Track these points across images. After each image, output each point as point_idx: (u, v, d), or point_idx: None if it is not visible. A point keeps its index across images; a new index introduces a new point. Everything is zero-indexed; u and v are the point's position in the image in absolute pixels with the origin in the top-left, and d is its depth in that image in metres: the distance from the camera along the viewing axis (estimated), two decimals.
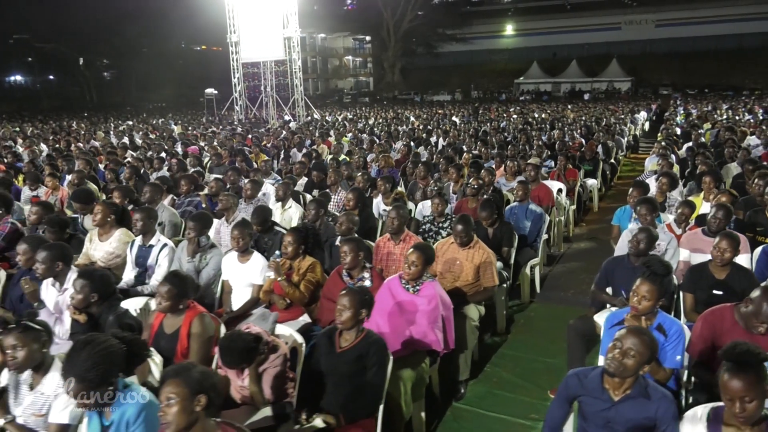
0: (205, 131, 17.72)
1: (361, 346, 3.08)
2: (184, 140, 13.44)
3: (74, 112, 38.16)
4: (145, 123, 22.36)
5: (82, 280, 3.39)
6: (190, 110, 33.75)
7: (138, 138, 16.00)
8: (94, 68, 61.42)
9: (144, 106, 51.51)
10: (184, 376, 2.19)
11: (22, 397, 2.66)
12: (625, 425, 2.44)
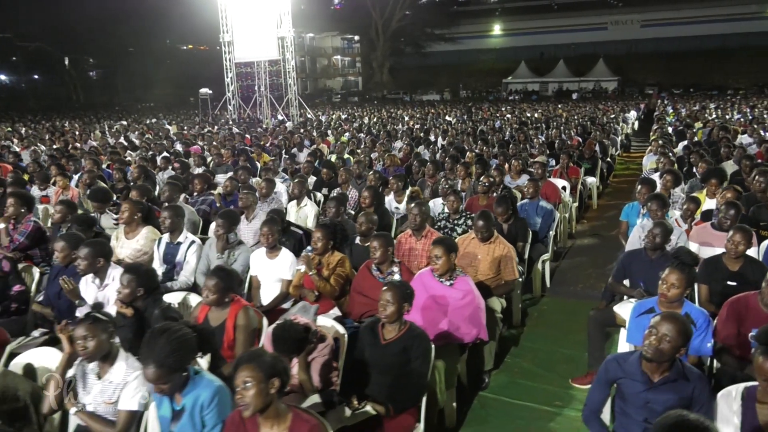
0: (201, 131, 17.76)
1: (405, 338, 3.22)
2: (184, 140, 13.46)
3: (62, 111, 37.87)
4: (138, 123, 22.29)
5: (129, 275, 3.50)
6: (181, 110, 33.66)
7: (134, 138, 16.03)
8: (80, 68, 60.95)
9: (133, 106, 51.21)
10: (258, 361, 2.33)
11: (91, 386, 2.78)
12: (663, 405, 2.61)
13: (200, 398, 2.47)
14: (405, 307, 3.26)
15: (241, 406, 2.30)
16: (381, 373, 3.20)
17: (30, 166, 9.59)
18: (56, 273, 4.27)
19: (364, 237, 5.11)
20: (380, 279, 4.26)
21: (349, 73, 69.21)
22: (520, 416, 4.03)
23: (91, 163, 9.13)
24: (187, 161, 9.52)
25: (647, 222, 5.22)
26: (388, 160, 9.16)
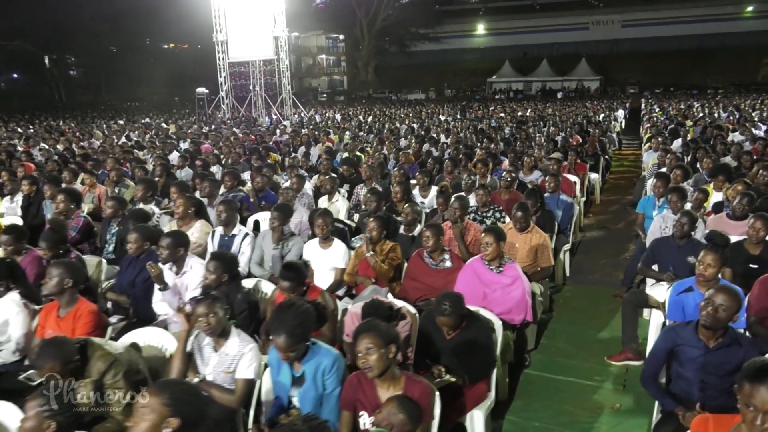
0: (200, 130, 17.91)
1: (466, 332, 3.49)
2: (192, 139, 13.66)
3: (47, 111, 37.51)
4: (133, 123, 22.32)
5: (215, 261, 3.80)
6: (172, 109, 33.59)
7: (135, 137, 16.16)
8: (62, 67, 60.27)
9: (118, 106, 50.83)
10: (376, 330, 2.66)
11: (208, 359, 3.07)
12: (717, 368, 2.99)
13: (321, 365, 2.79)
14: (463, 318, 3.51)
15: (365, 369, 2.62)
16: (450, 360, 3.50)
17: (49, 164, 9.75)
18: (128, 263, 4.53)
19: (409, 227, 5.47)
20: (432, 266, 4.60)
21: (334, 72, 69.32)
22: (563, 390, 4.40)
23: (113, 162, 9.32)
24: (208, 159, 9.75)
25: (667, 212, 5.64)
26: (403, 158, 9.50)
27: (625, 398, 4.23)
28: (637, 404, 4.13)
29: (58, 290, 3.46)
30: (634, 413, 4.03)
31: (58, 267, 3.47)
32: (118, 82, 60.79)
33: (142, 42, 61.13)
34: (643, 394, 4.19)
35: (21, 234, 4.78)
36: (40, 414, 2.17)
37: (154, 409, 2.02)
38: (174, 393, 2.07)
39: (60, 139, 15.15)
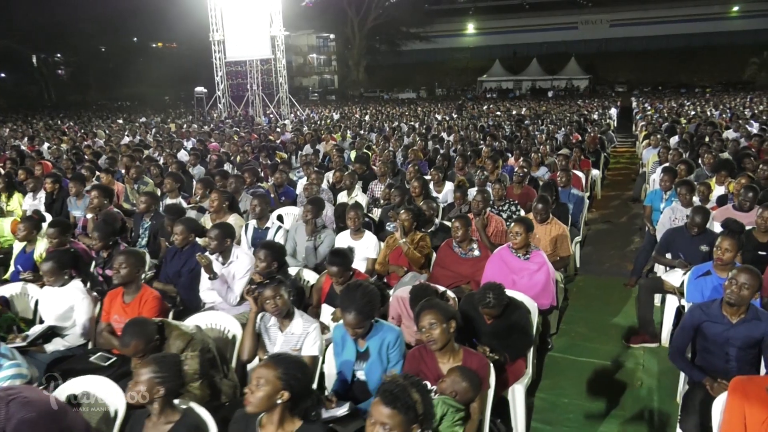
0: (200, 129, 18.06)
1: (506, 317, 3.75)
2: (201, 138, 13.83)
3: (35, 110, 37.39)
4: (132, 122, 22.39)
5: (266, 250, 4.04)
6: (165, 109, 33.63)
7: (138, 136, 16.30)
8: (50, 66, 59.93)
9: (108, 105, 50.67)
10: (438, 307, 2.92)
11: (275, 338, 3.32)
12: (741, 341, 3.28)
13: (386, 340, 3.04)
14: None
15: (428, 343, 2.89)
16: (491, 338, 3.76)
17: (65, 163, 9.90)
18: (173, 254, 4.75)
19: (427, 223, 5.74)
20: (461, 255, 4.88)
21: (324, 71, 69.40)
22: (586, 370, 4.68)
23: (129, 160, 9.49)
24: (222, 157, 9.95)
25: (676, 204, 5.95)
26: (412, 155, 9.76)
27: (646, 377, 4.53)
28: (658, 382, 4.43)
29: (129, 279, 3.69)
30: (656, 390, 4.33)
31: (128, 257, 3.70)
32: (107, 81, 60.54)
33: (131, 41, 60.88)
34: (662, 372, 4.55)
35: (65, 227, 4.99)
36: (153, 379, 2.40)
37: (269, 380, 2.26)
38: (287, 368, 2.30)
39: (64, 139, 15.24)
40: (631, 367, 4.70)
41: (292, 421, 2.32)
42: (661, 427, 3.88)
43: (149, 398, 2.39)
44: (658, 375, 4.53)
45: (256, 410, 2.29)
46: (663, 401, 4.18)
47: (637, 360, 4.80)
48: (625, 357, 4.85)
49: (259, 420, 2.36)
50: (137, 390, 2.38)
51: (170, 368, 2.46)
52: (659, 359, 4.78)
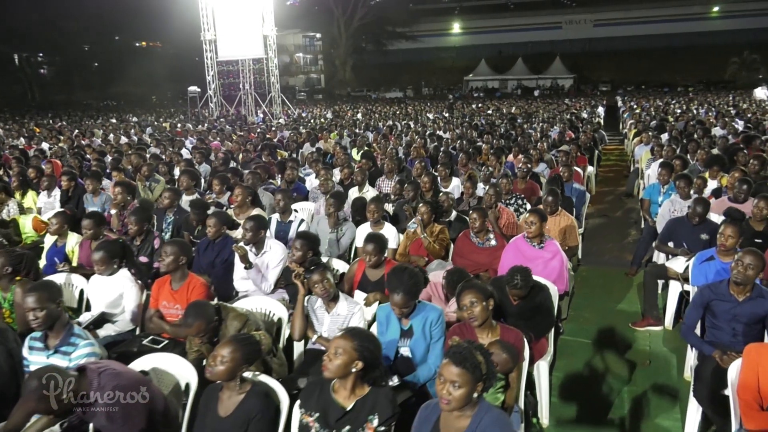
0: (194, 128, 18.20)
1: (531, 299, 4.02)
2: (201, 137, 13.99)
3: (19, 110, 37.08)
4: (124, 122, 22.42)
5: (302, 240, 4.29)
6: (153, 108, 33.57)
7: (134, 135, 16.41)
8: (33, 66, 59.30)
9: (93, 105, 50.34)
10: (477, 287, 3.20)
11: (322, 319, 3.58)
12: (746, 317, 3.60)
13: (429, 318, 3.31)
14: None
15: (470, 320, 3.16)
16: (517, 318, 4.04)
17: (72, 161, 10.02)
18: (205, 246, 4.97)
19: (444, 213, 6.02)
20: (479, 245, 5.16)
21: (311, 70, 69.46)
22: (598, 352, 4.99)
23: (137, 158, 9.67)
24: (228, 155, 10.15)
25: (675, 197, 6.30)
26: (414, 152, 10.04)
27: (653, 356, 4.85)
28: (665, 361, 4.76)
29: (174, 267, 3.92)
30: (664, 368, 4.66)
31: (173, 246, 3.93)
32: (92, 80, 60.09)
33: (114, 40, 60.45)
34: (668, 352, 4.89)
35: (100, 219, 5.20)
36: (235, 356, 2.63)
37: (346, 350, 2.52)
38: (362, 341, 2.57)
39: (61, 138, 15.30)
40: (638, 348, 5.02)
41: (362, 388, 2.59)
42: (671, 401, 4.20)
43: (231, 373, 2.64)
44: (665, 355, 4.87)
45: (332, 376, 2.55)
46: (671, 378, 4.51)
47: (643, 342, 5.12)
48: (632, 339, 5.18)
49: (332, 385, 2.62)
50: (219, 366, 2.62)
51: (250, 347, 2.71)
52: (664, 340, 5.12)
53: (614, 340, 5.19)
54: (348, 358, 2.52)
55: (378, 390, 2.58)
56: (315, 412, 2.58)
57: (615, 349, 5.02)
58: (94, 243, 5.07)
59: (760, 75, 42.82)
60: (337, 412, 2.54)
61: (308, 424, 2.60)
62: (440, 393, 2.29)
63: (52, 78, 63.08)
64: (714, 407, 3.43)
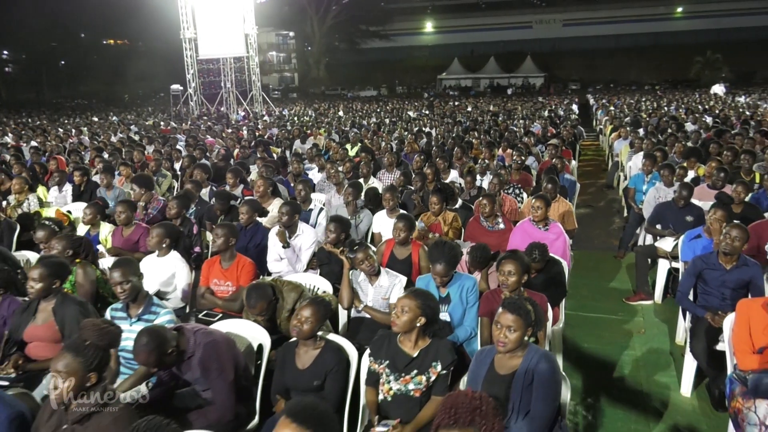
0: (180, 125, 18.35)
1: (545, 272, 4.50)
2: (191, 134, 14.20)
3: None
4: (105, 120, 22.36)
5: (335, 223, 4.70)
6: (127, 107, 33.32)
7: (121, 133, 16.51)
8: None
9: (63, 103, 49.53)
10: (521, 261, 3.64)
11: (366, 290, 4.00)
12: (734, 283, 4.14)
13: (465, 286, 3.77)
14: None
15: (502, 285, 3.63)
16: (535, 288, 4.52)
17: (72, 158, 10.21)
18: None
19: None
20: (489, 228, 5.64)
21: (284, 69, 69.28)
22: (597, 324, 5.53)
23: (138, 154, 9.92)
24: (228, 151, 10.45)
25: (659, 185, 6.89)
26: (409, 147, 10.50)
27: (647, 326, 5.40)
28: (657, 329, 5.32)
29: (225, 247, 4.29)
30: (657, 335, 5.21)
31: (225, 228, 4.30)
32: (60, 79, 59.07)
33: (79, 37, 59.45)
34: (660, 322, 5.46)
35: (132, 206, 5.54)
36: (315, 318, 3.04)
37: (411, 308, 2.95)
38: (425, 300, 3.00)
39: (49, 136, 15.32)
40: (633, 319, 5.57)
41: (425, 339, 3.02)
42: (667, 361, 4.74)
43: (313, 331, 3.05)
44: (657, 324, 5.43)
45: (400, 330, 2.98)
46: (664, 343, 5.06)
47: (637, 314, 5.68)
48: (626, 312, 5.73)
49: (398, 338, 3.05)
50: (305, 326, 3.02)
51: (326, 307, 3.13)
52: (656, 312, 5.68)
53: (611, 312, 5.73)
54: (413, 314, 2.95)
55: (438, 341, 3.03)
56: (385, 360, 3.01)
57: (612, 321, 5.57)
58: (126, 229, 5.43)
59: (723, 74, 44.47)
60: (405, 360, 2.98)
61: (378, 371, 3.03)
62: (498, 337, 2.75)
63: (17, 76, 61.72)
64: (708, 361, 3.97)
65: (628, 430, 3.86)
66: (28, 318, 3.52)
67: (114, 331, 2.76)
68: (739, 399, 3.13)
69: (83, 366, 2.45)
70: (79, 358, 2.46)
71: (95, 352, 2.51)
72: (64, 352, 2.48)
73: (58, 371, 2.42)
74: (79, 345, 2.52)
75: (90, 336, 2.58)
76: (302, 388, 3.02)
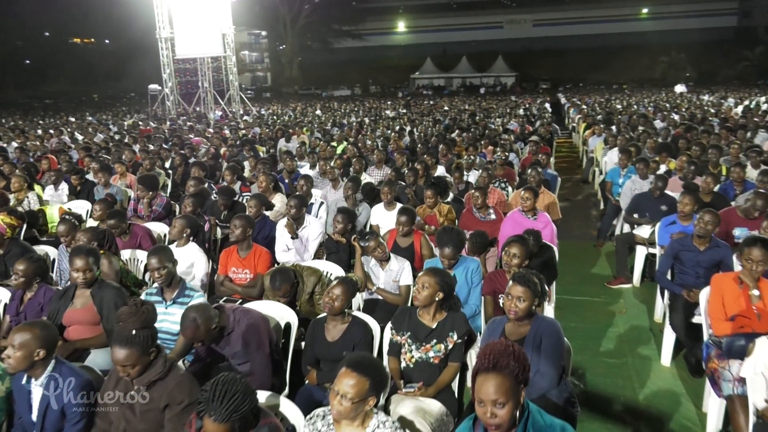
0: (159, 126, 18.41)
1: (540, 255, 4.91)
2: (176, 134, 14.33)
3: None
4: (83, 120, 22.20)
5: (342, 214, 5.04)
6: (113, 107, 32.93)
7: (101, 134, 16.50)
8: None
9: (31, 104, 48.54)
10: (527, 246, 4.03)
11: (378, 274, 4.35)
12: (707, 263, 4.60)
13: (469, 268, 4.15)
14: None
15: (506, 266, 4.01)
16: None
17: (62, 157, 10.28)
18: None
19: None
20: (481, 219, 6.02)
21: (257, 68, 68.95)
22: (582, 305, 5.97)
23: (130, 154, 10.07)
24: (217, 150, 10.67)
25: (635, 177, 7.38)
26: (394, 145, 10.87)
27: (628, 306, 5.87)
28: (637, 309, 5.78)
29: (243, 237, 4.59)
30: (637, 314, 5.67)
31: (242, 220, 4.60)
32: (24, 78, 57.77)
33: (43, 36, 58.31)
34: (640, 303, 5.93)
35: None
36: (344, 296, 3.37)
37: (431, 284, 3.30)
38: (443, 277, 3.35)
39: (29, 137, 15.26)
40: (615, 300, 6.04)
41: (441, 312, 3.38)
42: (647, 336, 5.20)
43: (344, 308, 3.38)
44: (637, 305, 5.90)
45: (421, 304, 3.33)
46: (644, 321, 5.52)
47: (618, 296, 6.14)
48: (608, 295, 6.19)
49: (417, 312, 3.40)
50: (336, 303, 3.34)
51: (353, 285, 3.46)
52: (635, 294, 6.16)
53: (595, 295, 6.20)
54: (433, 290, 3.31)
55: (454, 314, 3.39)
56: (406, 332, 3.36)
57: (596, 303, 6.03)
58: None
59: (687, 73, 45.97)
60: (425, 331, 3.33)
61: (400, 342, 3.37)
62: (509, 307, 3.12)
63: None
64: (685, 332, 4.42)
65: (615, 395, 4.28)
66: (66, 303, 3.76)
67: (148, 308, 2.96)
68: (715, 360, 3.56)
69: (140, 352, 2.65)
70: (133, 348, 2.64)
71: (143, 336, 2.70)
72: (117, 348, 2.64)
73: (123, 365, 2.63)
74: (128, 337, 2.67)
75: (131, 324, 2.72)
76: (332, 359, 3.35)
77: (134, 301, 2.83)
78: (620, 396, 4.28)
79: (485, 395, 2.01)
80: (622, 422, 3.97)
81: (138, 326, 2.66)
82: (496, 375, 2.00)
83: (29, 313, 3.87)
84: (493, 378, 2.00)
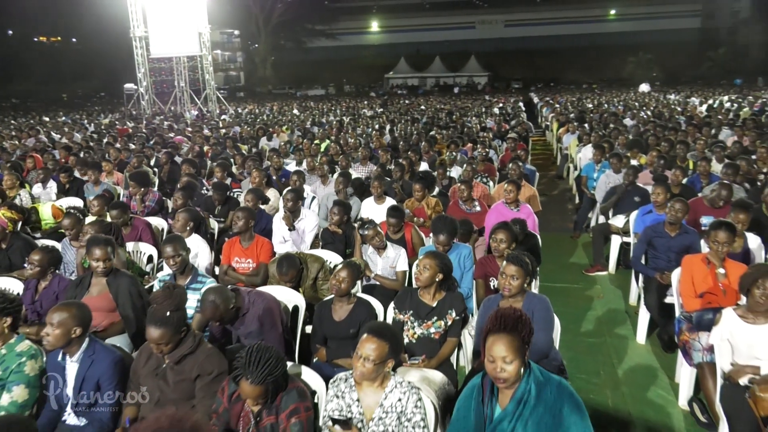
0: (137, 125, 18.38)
1: (525, 243, 5.22)
2: (157, 133, 14.37)
3: None
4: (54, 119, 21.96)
5: (338, 207, 5.30)
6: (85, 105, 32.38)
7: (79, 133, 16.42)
8: None
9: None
10: (512, 231, 4.34)
11: (375, 260, 4.62)
12: (677, 248, 4.98)
13: (462, 253, 4.45)
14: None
15: (495, 251, 4.32)
16: None
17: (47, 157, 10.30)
18: None
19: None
20: (467, 211, 6.34)
21: (230, 68, 68.42)
22: (562, 292, 6.32)
23: (115, 152, 10.16)
24: (200, 148, 10.80)
25: (609, 172, 7.79)
26: (377, 143, 11.15)
27: (605, 292, 6.26)
28: (613, 294, 6.17)
29: (245, 228, 4.82)
30: (613, 299, 6.06)
31: (245, 212, 4.82)
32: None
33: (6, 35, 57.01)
34: (615, 288, 6.31)
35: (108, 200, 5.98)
36: (350, 279, 3.62)
37: (432, 266, 3.59)
38: (442, 260, 3.64)
39: (4, 137, 15.13)
40: (592, 287, 6.42)
41: (440, 292, 3.67)
42: (623, 318, 5.58)
43: (350, 290, 3.65)
44: (613, 290, 6.29)
45: (422, 285, 3.62)
46: (620, 304, 5.91)
47: (595, 282, 6.53)
48: (586, 282, 6.58)
49: (418, 292, 3.69)
50: (343, 285, 3.60)
51: (359, 268, 3.73)
52: (611, 281, 6.55)
53: (574, 282, 6.57)
54: (433, 272, 3.60)
55: (452, 293, 3.68)
56: (408, 310, 3.65)
57: (575, 289, 6.40)
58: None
59: (653, 73, 47.24)
60: (426, 309, 3.62)
61: (402, 320, 3.66)
62: (503, 285, 3.43)
63: None
64: (659, 311, 4.80)
65: (596, 371, 4.63)
66: (82, 291, 3.95)
67: (180, 292, 3.23)
68: (686, 333, 3.93)
69: (173, 331, 2.88)
70: (167, 328, 2.86)
71: (177, 317, 2.92)
72: (152, 327, 2.86)
73: (157, 343, 2.86)
74: (162, 317, 2.88)
75: (166, 306, 2.93)
76: (340, 337, 3.61)
77: (168, 284, 3.06)
78: (600, 371, 4.63)
79: (496, 353, 2.30)
80: (603, 394, 4.32)
81: (172, 308, 2.89)
82: (506, 335, 2.30)
83: (44, 302, 4.04)
84: (504, 338, 2.30)
